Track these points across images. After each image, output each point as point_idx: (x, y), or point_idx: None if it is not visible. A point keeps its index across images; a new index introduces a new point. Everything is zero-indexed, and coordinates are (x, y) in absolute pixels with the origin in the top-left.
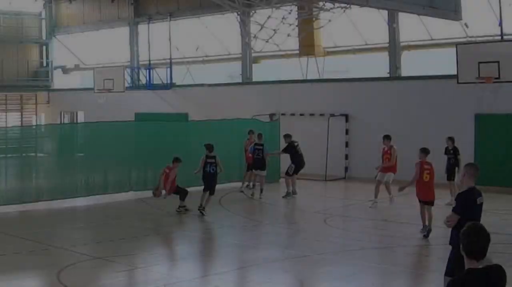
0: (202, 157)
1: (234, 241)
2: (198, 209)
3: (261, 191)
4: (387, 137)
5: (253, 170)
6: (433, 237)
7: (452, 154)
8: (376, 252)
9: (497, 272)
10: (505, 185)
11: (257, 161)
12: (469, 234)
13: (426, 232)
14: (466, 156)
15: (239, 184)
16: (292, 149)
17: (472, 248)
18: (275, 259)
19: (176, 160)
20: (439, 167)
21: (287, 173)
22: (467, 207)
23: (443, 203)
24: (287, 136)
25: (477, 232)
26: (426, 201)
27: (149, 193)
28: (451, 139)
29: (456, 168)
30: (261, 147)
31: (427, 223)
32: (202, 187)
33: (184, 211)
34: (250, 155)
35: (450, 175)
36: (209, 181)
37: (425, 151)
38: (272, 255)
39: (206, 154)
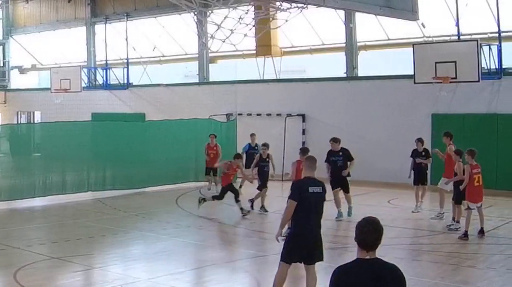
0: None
1: (191, 241)
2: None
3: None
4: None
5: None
6: (392, 237)
7: (424, 156)
8: (332, 252)
9: (383, 266)
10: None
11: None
12: (360, 226)
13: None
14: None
15: (196, 184)
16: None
17: (361, 239)
18: (232, 259)
19: (238, 156)
20: (393, 167)
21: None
22: (301, 195)
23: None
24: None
25: (368, 224)
26: None
27: (107, 193)
28: (421, 141)
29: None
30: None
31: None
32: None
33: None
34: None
35: (422, 179)
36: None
37: (304, 151)
38: (230, 255)
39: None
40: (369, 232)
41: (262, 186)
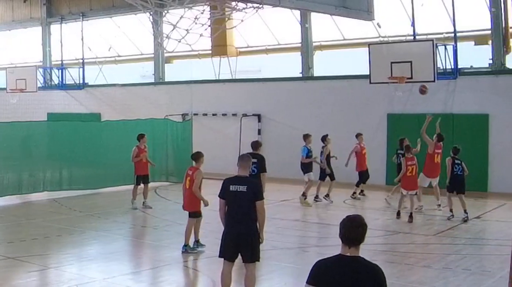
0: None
1: (146, 241)
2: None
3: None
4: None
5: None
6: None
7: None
8: (289, 252)
9: (363, 264)
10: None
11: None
12: (343, 223)
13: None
14: (378, 155)
15: (153, 184)
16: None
17: (343, 235)
18: (187, 259)
19: None
20: (349, 167)
21: None
22: (224, 192)
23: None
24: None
25: (350, 222)
26: None
27: (63, 193)
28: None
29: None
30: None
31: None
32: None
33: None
34: None
35: None
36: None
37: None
38: (185, 255)
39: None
40: (351, 229)
41: None
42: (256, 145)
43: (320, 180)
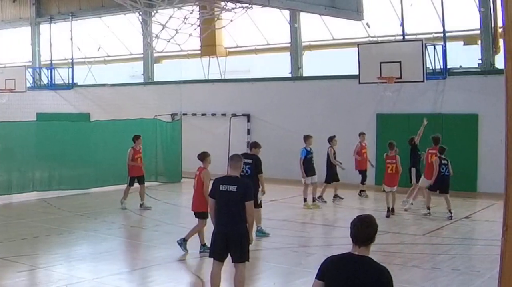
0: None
1: (135, 241)
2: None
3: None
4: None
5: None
6: (337, 237)
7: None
8: (278, 252)
9: (370, 264)
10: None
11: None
12: (353, 222)
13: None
14: (368, 155)
15: (145, 184)
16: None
17: (353, 235)
18: (176, 258)
19: None
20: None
21: None
22: (214, 192)
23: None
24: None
25: (359, 222)
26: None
27: (52, 193)
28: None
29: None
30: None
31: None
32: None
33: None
34: None
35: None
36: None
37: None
38: (174, 255)
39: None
40: (360, 229)
41: None
42: (252, 145)
43: (326, 183)
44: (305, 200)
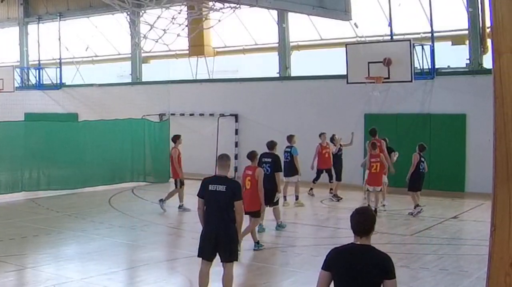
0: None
1: (123, 241)
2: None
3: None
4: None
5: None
6: (325, 237)
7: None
8: (267, 252)
9: (373, 252)
10: (396, 186)
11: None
12: (352, 215)
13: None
14: (356, 155)
15: (131, 184)
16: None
17: (352, 226)
18: (165, 258)
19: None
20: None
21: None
22: (203, 192)
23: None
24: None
25: (357, 214)
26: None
27: (41, 193)
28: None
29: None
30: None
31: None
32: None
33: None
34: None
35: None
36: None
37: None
38: (162, 255)
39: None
40: (359, 221)
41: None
42: (271, 144)
43: (337, 180)
44: (296, 197)
